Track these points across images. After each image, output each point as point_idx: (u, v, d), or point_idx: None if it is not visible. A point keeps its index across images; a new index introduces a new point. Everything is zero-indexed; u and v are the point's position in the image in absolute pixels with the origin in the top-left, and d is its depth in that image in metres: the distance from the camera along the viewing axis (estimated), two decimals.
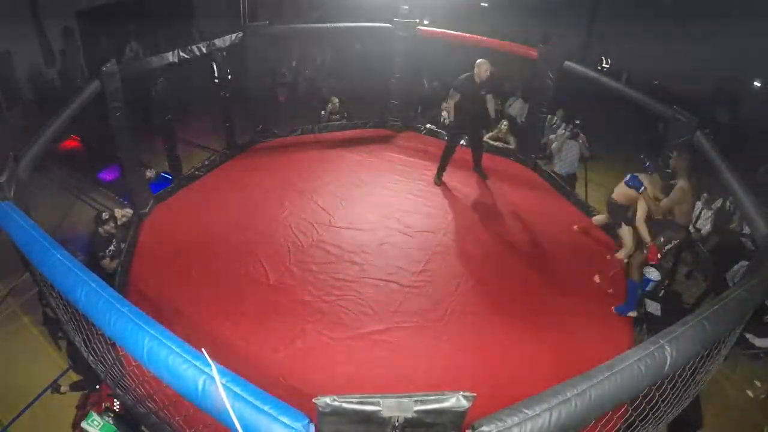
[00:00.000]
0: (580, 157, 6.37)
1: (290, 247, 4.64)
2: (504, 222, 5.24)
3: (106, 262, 4.24)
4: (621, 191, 4.31)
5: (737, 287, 2.22)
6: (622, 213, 4.43)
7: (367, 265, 4.47)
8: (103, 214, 4.37)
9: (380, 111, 7.22)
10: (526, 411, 1.42)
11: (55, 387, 4.07)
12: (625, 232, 4.49)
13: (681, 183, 3.98)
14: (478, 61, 5.15)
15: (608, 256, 4.69)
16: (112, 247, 4.32)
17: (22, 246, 2.23)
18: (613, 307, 4.13)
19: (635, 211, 4.24)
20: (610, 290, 4.36)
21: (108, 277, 3.97)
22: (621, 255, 4.58)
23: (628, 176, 4.12)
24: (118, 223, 4.69)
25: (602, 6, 10.22)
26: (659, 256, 4.00)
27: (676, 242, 4.09)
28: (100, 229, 4.29)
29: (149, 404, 2.49)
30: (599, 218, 5.05)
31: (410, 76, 7.06)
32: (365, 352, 3.64)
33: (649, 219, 4.13)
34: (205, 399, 1.48)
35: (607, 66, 9.97)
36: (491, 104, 5.50)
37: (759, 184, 6.36)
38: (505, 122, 6.90)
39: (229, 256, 4.47)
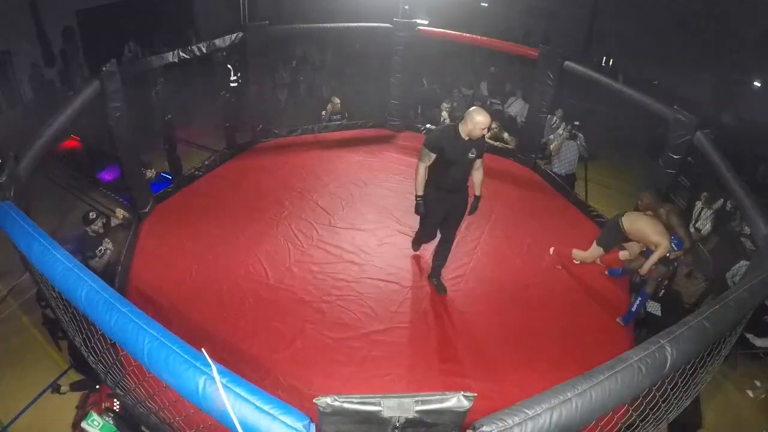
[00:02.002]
0: (579, 157, 6.37)
1: (290, 247, 4.64)
2: (504, 222, 5.24)
3: (94, 262, 4.20)
4: (637, 229, 3.96)
5: (737, 287, 2.22)
6: (620, 240, 4.19)
7: (367, 265, 4.47)
8: (90, 213, 4.29)
9: (380, 111, 7.22)
10: (526, 411, 1.42)
11: (55, 387, 4.06)
12: (634, 246, 4.30)
13: (665, 211, 3.98)
14: (473, 110, 3.40)
15: (558, 267, 4.59)
16: (101, 247, 4.27)
17: (22, 246, 2.23)
18: (617, 319, 4.08)
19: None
20: (559, 266, 4.51)
21: (106, 277, 3.95)
22: (623, 256, 4.52)
23: (674, 239, 3.84)
24: (116, 223, 4.68)
25: (602, 5, 10.24)
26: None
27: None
28: (88, 229, 4.23)
29: (149, 404, 2.49)
30: (623, 254, 4.65)
31: (410, 76, 7.06)
32: (365, 352, 3.64)
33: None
34: (205, 399, 1.48)
35: (604, 65, 9.99)
36: (479, 173, 3.78)
37: (759, 184, 6.37)
38: (494, 123, 6.87)
39: (229, 256, 4.47)
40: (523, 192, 5.85)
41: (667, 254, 3.85)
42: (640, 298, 4.01)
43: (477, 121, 3.36)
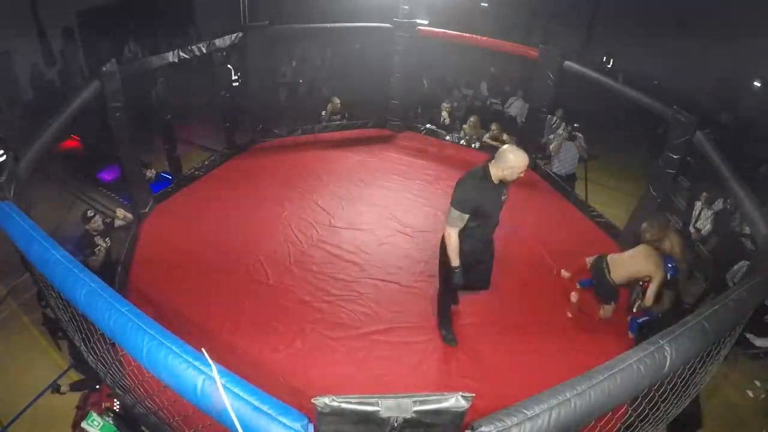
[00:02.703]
0: (578, 158, 6.37)
1: (290, 247, 4.64)
2: (503, 222, 5.19)
3: (91, 260, 4.19)
4: (628, 275, 3.79)
5: (737, 287, 2.22)
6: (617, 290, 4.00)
7: (367, 265, 4.47)
8: (88, 211, 4.27)
9: (380, 111, 7.22)
10: (526, 411, 1.42)
11: (55, 387, 4.07)
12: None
13: (670, 242, 3.90)
14: (507, 150, 2.93)
15: (561, 271, 4.51)
16: (97, 246, 4.23)
17: (22, 246, 2.23)
18: (630, 333, 3.97)
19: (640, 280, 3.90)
20: (598, 317, 4.11)
21: (105, 276, 3.93)
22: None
23: (669, 266, 3.71)
24: (120, 224, 4.67)
25: (602, 6, 10.24)
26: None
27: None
28: (88, 227, 4.21)
29: (149, 404, 2.49)
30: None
31: (410, 76, 7.06)
32: (365, 352, 3.64)
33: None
34: (204, 399, 1.48)
35: (607, 66, 9.99)
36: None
37: (759, 184, 6.36)
38: (494, 125, 6.93)
39: (229, 256, 4.46)
40: (523, 192, 5.83)
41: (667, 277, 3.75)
42: (647, 317, 3.97)
43: (513, 167, 2.84)
